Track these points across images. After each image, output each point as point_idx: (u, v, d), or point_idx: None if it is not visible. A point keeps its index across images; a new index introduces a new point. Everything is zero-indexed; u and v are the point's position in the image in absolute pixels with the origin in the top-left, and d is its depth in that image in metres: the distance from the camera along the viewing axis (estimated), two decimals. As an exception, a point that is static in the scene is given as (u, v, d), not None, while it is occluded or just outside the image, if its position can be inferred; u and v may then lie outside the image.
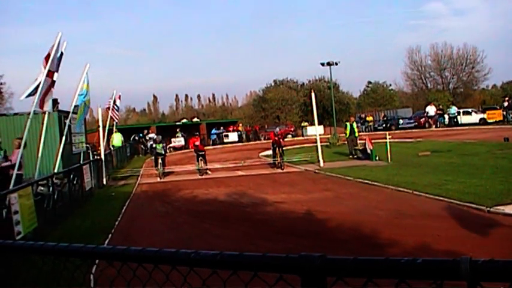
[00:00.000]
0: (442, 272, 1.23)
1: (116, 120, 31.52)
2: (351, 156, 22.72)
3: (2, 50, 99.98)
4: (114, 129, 31.98)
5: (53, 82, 13.53)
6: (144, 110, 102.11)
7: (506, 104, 40.00)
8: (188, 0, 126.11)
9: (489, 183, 12.25)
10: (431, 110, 43.35)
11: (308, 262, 1.39)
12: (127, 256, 1.71)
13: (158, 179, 20.62)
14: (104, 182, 19.69)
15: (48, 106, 13.42)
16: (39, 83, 12.54)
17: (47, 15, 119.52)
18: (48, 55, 12.99)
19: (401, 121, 45.25)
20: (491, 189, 11.50)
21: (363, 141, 22.58)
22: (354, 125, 24.32)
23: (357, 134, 24.04)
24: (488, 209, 9.74)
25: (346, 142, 24.46)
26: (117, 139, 32.56)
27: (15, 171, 11.36)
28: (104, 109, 25.53)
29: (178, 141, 41.93)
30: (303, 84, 65.26)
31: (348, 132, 23.70)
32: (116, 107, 29.31)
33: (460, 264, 1.21)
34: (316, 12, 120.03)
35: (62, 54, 13.93)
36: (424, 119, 43.53)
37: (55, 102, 18.29)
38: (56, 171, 14.04)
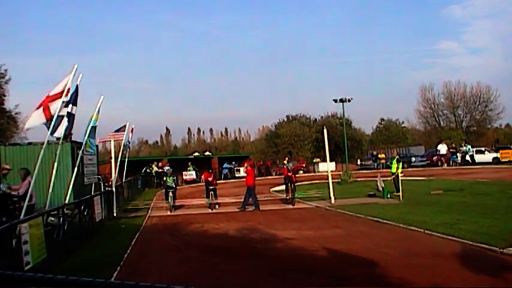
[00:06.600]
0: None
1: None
2: (397, 194, 20.39)
3: (17, 81, 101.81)
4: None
5: (72, 115, 13.74)
6: (157, 142, 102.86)
7: (519, 143, 39.83)
8: (202, 36, 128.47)
9: (502, 224, 12.10)
10: (442, 148, 43.18)
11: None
12: (136, 291, 1.72)
13: (168, 212, 20.60)
14: (115, 214, 19.69)
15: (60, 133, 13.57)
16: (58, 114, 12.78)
17: (61, 46, 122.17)
18: (66, 89, 13.19)
19: (413, 159, 45.03)
20: (504, 230, 11.32)
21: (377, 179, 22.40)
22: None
23: (397, 171, 21.29)
24: (502, 250, 9.55)
25: (392, 180, 21.51)
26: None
27: (25, 203, 11.40)
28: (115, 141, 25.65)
29: (190, 174, 42.05)
30: (316, 120, 65.50)
31: (400, 167, 21.37)
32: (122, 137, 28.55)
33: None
34: (330, 49, 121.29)
35: (77, 87, 14.08)
36: (436, 157, 43.32)
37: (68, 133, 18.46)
38: (67, 201, 14.08)
